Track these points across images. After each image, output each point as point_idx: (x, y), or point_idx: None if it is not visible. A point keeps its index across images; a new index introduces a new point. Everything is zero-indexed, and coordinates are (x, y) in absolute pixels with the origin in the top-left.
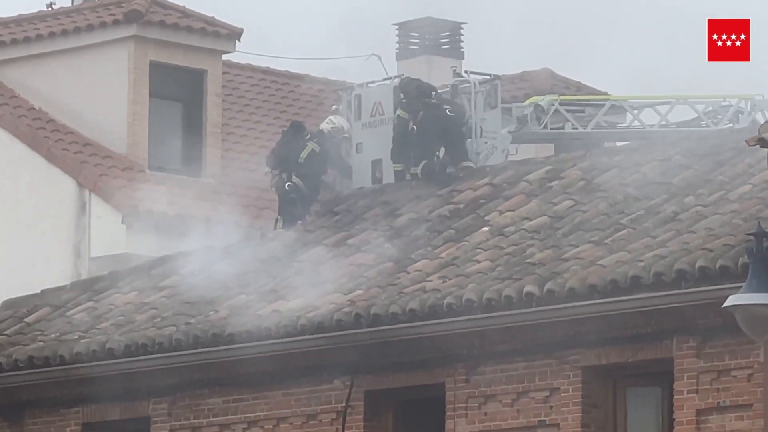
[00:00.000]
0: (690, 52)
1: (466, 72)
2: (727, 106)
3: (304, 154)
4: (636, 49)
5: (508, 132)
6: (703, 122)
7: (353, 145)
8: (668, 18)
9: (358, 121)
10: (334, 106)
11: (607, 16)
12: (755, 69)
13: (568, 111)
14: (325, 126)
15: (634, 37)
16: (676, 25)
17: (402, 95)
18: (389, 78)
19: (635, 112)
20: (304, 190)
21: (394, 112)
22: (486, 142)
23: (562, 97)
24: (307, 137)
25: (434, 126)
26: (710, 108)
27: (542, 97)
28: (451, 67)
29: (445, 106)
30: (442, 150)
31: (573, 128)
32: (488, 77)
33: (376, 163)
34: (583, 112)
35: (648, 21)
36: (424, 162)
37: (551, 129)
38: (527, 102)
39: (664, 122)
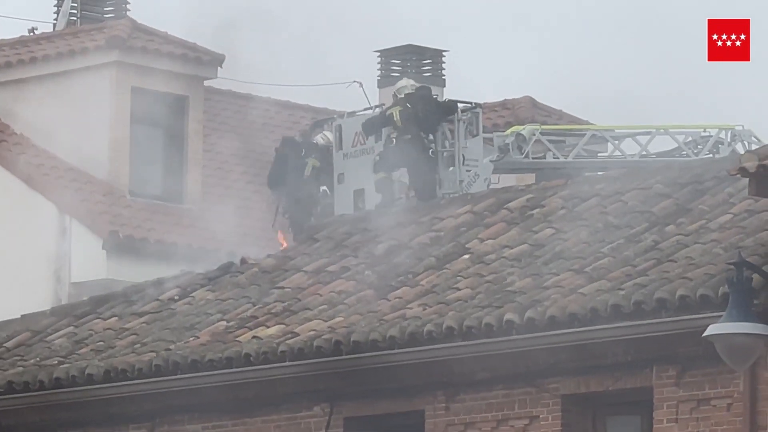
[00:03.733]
0: (674, 82)
1: (447, 100)
2: (707, 136)
3: (307, 170)
4: (618, 77)
5: (490, 161)
6: (684, 152)
7: (335, 176)
8: (652, 48)
9: (339, 152)
10: (320, 141)
11: (589, 45)
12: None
13: (549, 140)
14: (319, 140)
15: (617, 66)
16: (659, 53)
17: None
18: (370, 108)
19: (616, 141)
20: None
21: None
22: (468, 170)
23: (543, 127)
24: (303, 154)
25: (405, 150)
26: (690, 138)
27: (523, 126)
28: (434, 95)
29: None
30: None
31: (554, 158)
32: (470, 105)
33: (358, 193)
34: (563, 141)
35: (632, 50)
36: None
37: (532, 158)
38: (508, 131)
39: (644, 152)
